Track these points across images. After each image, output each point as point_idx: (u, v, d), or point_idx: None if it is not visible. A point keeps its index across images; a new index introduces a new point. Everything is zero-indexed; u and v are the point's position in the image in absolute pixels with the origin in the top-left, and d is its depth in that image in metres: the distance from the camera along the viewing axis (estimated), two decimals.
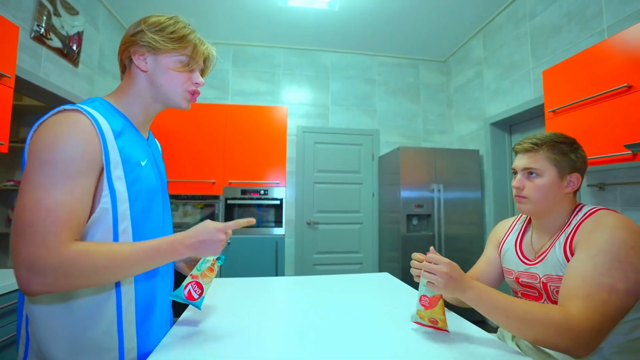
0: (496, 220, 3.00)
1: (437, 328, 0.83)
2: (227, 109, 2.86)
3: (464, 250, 2.96)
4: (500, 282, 1.11)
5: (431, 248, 0.84)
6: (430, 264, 0.79)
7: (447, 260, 0.80)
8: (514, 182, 0.96)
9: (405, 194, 2.90)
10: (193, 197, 2.73)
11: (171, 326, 0.91)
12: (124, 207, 0.70)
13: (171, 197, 2.70)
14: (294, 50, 3.51)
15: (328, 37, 3.30)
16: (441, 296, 0.83)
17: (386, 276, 1.47)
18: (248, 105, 2.93)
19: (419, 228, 2.99)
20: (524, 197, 0.93)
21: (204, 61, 0.85)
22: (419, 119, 3.71)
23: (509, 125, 3.01)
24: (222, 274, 2.70)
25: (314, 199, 3.42)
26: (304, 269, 3.36)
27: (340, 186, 3.46)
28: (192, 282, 0.82)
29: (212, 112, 2.83)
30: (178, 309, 2.14)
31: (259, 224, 2.74)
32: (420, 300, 0.84)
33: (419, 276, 0.84)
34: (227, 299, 1.11)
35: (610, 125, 1.62)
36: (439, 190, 2.94)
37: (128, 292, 0.73)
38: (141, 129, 0.84)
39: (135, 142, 0.77)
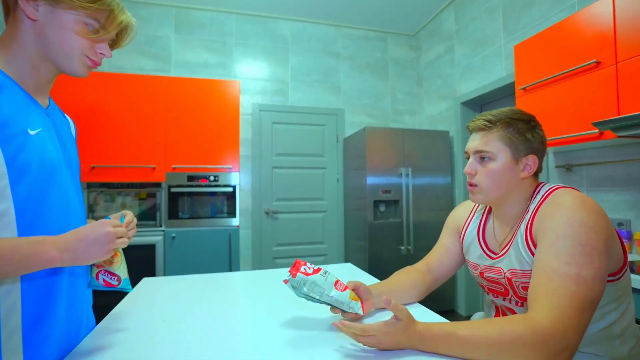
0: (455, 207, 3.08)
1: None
2: (169, 83, 2.70)
3: (434, 238, 2.99)
4: (455, 271, 1.10)
5: (385, 299, 0.71)
6: (361, 336, 0.71)
7: (383, 330, 0.70)
8: (466, 168, 0.92)
9: (372, 178, 2.92)
10: (129, 185, 2.57)
11: (90, 329, 0.84)
12: (1, 183, 0.60)
13: (101, 185, 2.54)
14: (247, 17, 3.36)
15: (287, 2, 3.19)
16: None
17: (349, 267, 1.47)
18: (194, 78, 2.76)
19: (387, 215, 3.03)
20: (476, 186, 0.90)
21: (119, 33, 0.77)
22: (387, 97, 3.74)
23: (480, 104, 3.08)
24: (166, 271, 2.58)
25: (273, 185, 3.37)
26: (262, 263, 3.32)
27: (302, 171, 3.44)
28: (100, 270, 0.76)
29: (151, 86, 2.65)
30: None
31: (210, 215, 2.67)
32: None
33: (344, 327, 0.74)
34: (165, 300, 1.05)
35: (579, 103, 1.68)
36: (408, 175, 2.98)
37: (10, 294, 0.63)
38: (34, 93, 0.73)
39: (20, 106, 0.67)
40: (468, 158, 0.94)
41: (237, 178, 2.76)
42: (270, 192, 3.36)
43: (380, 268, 2.88)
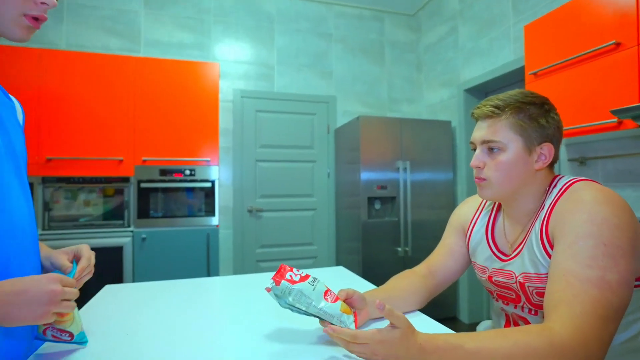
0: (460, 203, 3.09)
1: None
2: (138, 64, 2.62)
3: (434, 239, 3.03)
4: (460, 274, 1.08)
5: (379, 304, 0.66)
6: (352, 344, 0.67)
7: (377, 338, 0.65)
8: (472, 161, 0.89)
9: (366, 173, 2.91)
10: (92, 180, 2.49)
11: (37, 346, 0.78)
12: None
13: (60, 179, 2.46)
14: None
15: None
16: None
17: (340, 271, 1.46)
18: (167, 59, 2.68)
19: (382, 213, 3.03)
20: (484, 179, 0.87)
21: None
22: (383, 84, 3.71)
23: (485, 92, 3.08)
24: (135, 277, 2.51)
25: (256, 180, 3.33)
26: (245, 266, 3.29)
27: (289, 165, 3.42)
28: (48, 327, 0.70)
29: (116, 67, 2.58)
30: None
31: (186, 213, 2.65)
32: None
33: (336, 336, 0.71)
34: (130, 311, 1.00)
35: (595, 89, 1.66)
36: (405, 169, 2.98)
37: None
38: None
39: None
40: (474, 149, 0.91)
41: (216, 172, 2.73)
42: (254, 188, 3.32)
43: (375, 272, 2.87)
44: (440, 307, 3.05)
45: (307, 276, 0.77)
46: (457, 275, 1.08)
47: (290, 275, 0.75)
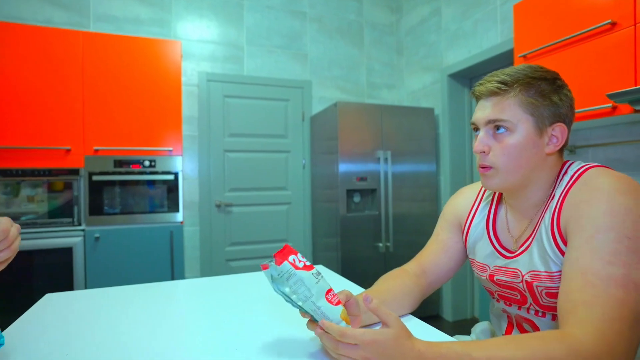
0: (453, 194, 3.11)
1: None
2: (87, 40, 2.47)
3: (416, 232, 3.04)
4: (454, 272, 1.04)
5: (365, 297, 0.65)
6: (343, 344, 0.62)
7: (368, 337, 0.61)
8: (476, 145, 0.83)
9: (344, 164, 2.88)
10: (35, 173, 2.33)
11: None
12: None
13: None
14: None
15: None
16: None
17: (320, 270, 1.37)
18: (121, 35, 2.52)
19: (362, 206, 3.01)
20: (490, 167, 0.82)
21: None
22: (362, 68, 3.69)
23: (469, 77, 3.09)
24: (87, 282, 2.37)
25: (225, 172, 3.25)
26: (213, 267, 3.21)
27: (261, 155, 3.36)
28: None
29: (62, 43, 2.41)
30: None
31: (146, 209, 2.56)
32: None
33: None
34: (74, 324, 0.89)
35: (589, 72, 1.65)
36: (387, 159, 2.96)
37: None
38: None
39: None
40: (476, 130, 0.86)
41: (179, 163, 2.64)
42: (222, 181, 3.24)
43: (355, 269, 2.85)
44: (422, 305, 3.03)
45: (311, 266, 0.69)
46: (452, 273, 1.04)
47: (294, 259, 0.67)
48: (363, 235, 2.92)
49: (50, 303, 1.07)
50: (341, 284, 1.24)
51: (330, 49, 3.57)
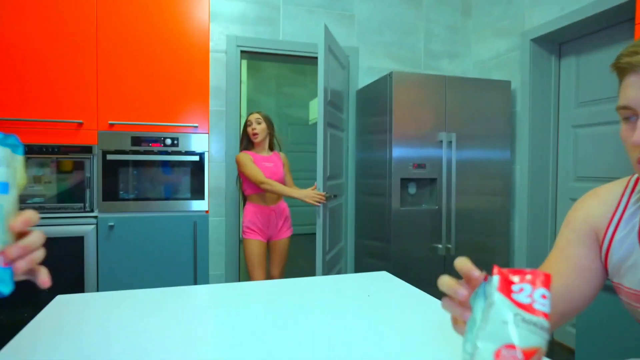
0: (532, 189, 2.93)
1: None
2: None
3: (483, 232, 2.93)
4: (590, 301, 0.90)
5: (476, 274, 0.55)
6: None
7: None
8: (636, 135, 0.69)
9: (399, 148, 2.78)
10: (42, 150, 2.32)
11: None
12: None
13: None
14: None
15: None
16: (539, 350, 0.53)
17: (384, 277, 1.42)
18: None
19: (419, 200, 2.92)
20: None
21: None
22: (420, 32, 3.58)
23: (559, 43, 2.91)
24: (99, 278, 2.36)
25: None
26: (242, 265, 3.19)
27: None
28: None
29: (72, 4, 2.35)
30: None
31: (166, 195, 2.54)
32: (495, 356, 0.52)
33: (463, 323, 0.56)
34: (87, 335, 0.86)
35: None
36: (450, 143, 2.84)
37: None
38: None
39: None
40: (628, 118, 0.72)
41: (205, 142, 2.58)
42: None
43: (408, 274, 2.74)
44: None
45: (546, 315, 0.52)
46: (588, 302, 0.89)
47: (521, 292, 0.51)
48: (419, 235, 2.82)
49: (60, 308, 1.04)
50: (412, 293, 1.21)
51: (382, 9, 3.46)
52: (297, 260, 4.91)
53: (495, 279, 0.52)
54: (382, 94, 2.90)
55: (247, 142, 2.78)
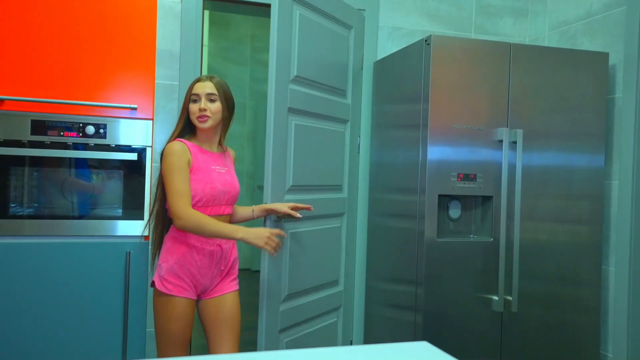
0: (638, 214, 2.85)
1: None
2: None
3: (562, 280, 2.86)
4: None
5: None
6: None
7: None
8: None
9: (437, 149, 2.73)
10: None
11: None
12: None
13: None
14: None
15: None
16: None
17: (425, 349, 1.42)
18: None
19: (465, 227, 2.94)
20: None
21: None
22: None
23: None
24: None
25: None
26: (195, 320, 3.05)
27: (309, 122, 3.24)
28: None
29: None
30: None
31: (83, 212, 2.56)
32: None
33: None
34: None
35: None
36: (514, 144, 2.76)
37: None
38: None
39: None
40: None
41: (147, 132, 2.63)
42: None
43: (447, 339, 2.68)
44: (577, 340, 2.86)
45: None
46: None
47: None
48: (464, 279, 2.76)
49: None
50: None
51: None
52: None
53: None
54: (413, 68, 2.88)
55: (185, 126, 2.50)
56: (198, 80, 2.39)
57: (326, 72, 3.08)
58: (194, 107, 2.31)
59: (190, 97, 2.34)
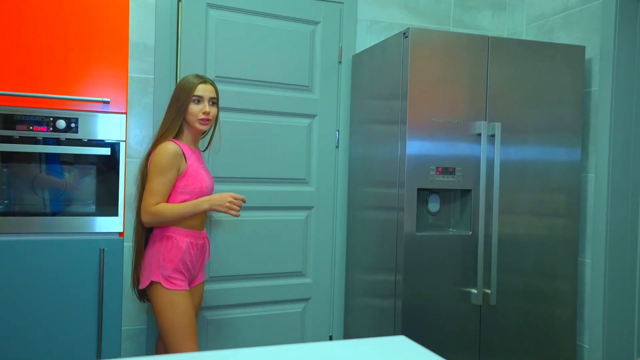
0: (614, 207, 2.90)
1: None
2: None
3: (539, 272, 2.90)
4: None
5: None
6: None
7: None
8: None
9: (416, 143, 2.74)
10: None
11: None
12: None
13: None
14: None
15: None
16: None
17: (402, 343, 1.45)
18: None
19: (444, 221, 2.96)
20: None
21: None
22: None
23: None
24: None
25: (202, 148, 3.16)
26: None
27: (265, 120, 3.34)
28: None
29: None
30: None
31: (55, 208, 2.56)
32: None
33: None
34: None
35: None
36: (492, 137, 2.78)
37: None
38: None
39: None
40: None
41: (121, 127, 2.63)
42: None
43: (426, 333, 2.71)
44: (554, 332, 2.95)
45: None
46: None
47: None
48: (443, 273, 2.78)
49: None
50: None
51: None
52: None
53: None
54: (391, 62, 2.89)
55: (177, 125, 2.53)
56: (202, 81, 2.45)
57: (275, 70, 3.19)
58: (195, 109, 2.38)
59: (190, 97, 2.39)
